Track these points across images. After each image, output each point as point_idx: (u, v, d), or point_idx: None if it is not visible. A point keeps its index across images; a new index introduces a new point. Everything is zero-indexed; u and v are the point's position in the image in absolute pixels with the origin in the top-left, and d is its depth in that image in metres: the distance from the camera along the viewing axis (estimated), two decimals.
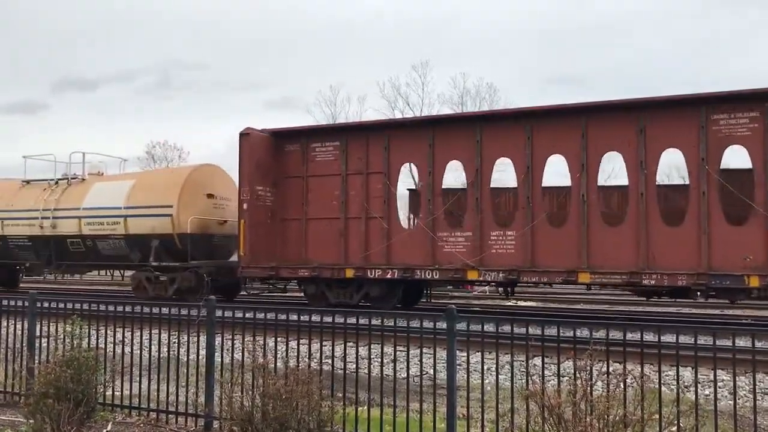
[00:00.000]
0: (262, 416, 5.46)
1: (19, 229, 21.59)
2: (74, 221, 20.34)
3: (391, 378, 6.51)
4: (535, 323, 5.72)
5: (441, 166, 15.98)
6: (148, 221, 19.12)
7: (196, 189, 19.25)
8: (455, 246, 15.54)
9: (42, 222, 20.87)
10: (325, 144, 17.31)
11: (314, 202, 17.19)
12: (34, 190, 21.88)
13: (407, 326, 6.09)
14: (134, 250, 19.43)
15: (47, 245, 20.91)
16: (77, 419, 6.47)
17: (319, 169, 17.24)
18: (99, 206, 20.09)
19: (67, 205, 20.68)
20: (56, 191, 21.19)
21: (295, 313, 6.72)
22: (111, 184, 20.81)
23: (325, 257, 16.77)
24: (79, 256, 20.75)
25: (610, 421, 4.63)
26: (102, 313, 7.67)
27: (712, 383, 5.81)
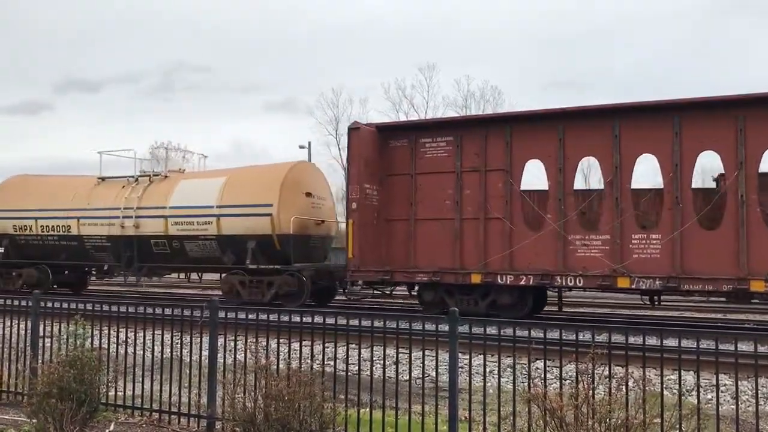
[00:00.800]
0: (265, 417, 5.47)
1: (96, 229, 20.23)
2: (159, 221, 19.10)
3: (393, 380, 6.52)
4: (538, 326, 5.73)
5: (572, 163, 14.51)
6: (244, 221, 17.87)
7: (295, 187, 18.14)
8: (590, 250, 14.10)
9: (123, 221, 19.60)
10: (436, 139, 15.86)
11: (424, 202, 15.81)
12: (112, 188, 20.64)
13: (409, 328, 6.10)
14: (227, 251, 18.18)
15: (129, 246, 19.60)
16: (80, 419, 6.48)
17: (429, 166, 15.80)
18: (187, 205, 18.84)
19: (151, 203, 19.43)
20: (137, 189, 19.97)
21: (297, 315, 6.73)
22: (199, 182, 19.65)
23: (436, 261, 15.43)
24: (164, 258, 19.47)
25: (612, 425, 4.63)
26: (105, 313, 7.69)
27: (714, 387, 5.81)
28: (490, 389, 6.04)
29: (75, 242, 20.59)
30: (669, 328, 7.66)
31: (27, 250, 21.52)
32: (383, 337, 6.19)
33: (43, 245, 21.13)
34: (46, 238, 21.09)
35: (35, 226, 21.19)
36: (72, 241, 20.62)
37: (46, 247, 21.10)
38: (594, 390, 4.78)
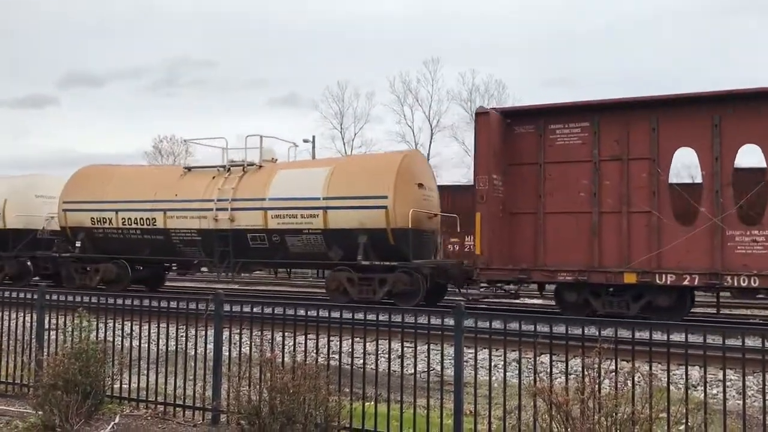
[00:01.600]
0: (270, 410, 5.47)
1: (186, 222, 18.80)
2: (258, 213, 17.71)
3: (398, 374, 6.52)
4: (543, 321, 5.71)
5: (731, 151, 13.21)
6: (354, 214, 16.57)
7: (409, 177, 16.82)
8: (752, 247, 12.80)
9: (217, 214, 18.15)
10: (568, 125, 14.48)
11: (554, 194, 14.43)
12: (201, 178, 19.24)
13: (415, 322, 6.09)
14: (333, 246, 16.86)
15: (223, 240, 18.11)
16: (85, 411, 6.50)
17: (560, 155, 14.44)
18: (290, 197, 17.44)
19: (248, 194, 18.06)
20: (231, 179, 18.58)
21: (302, 309, 6.73)
22: (301, 172, 18.38)
23: (569, 259, 14.11)
24: (261, 253, 18.07)
25: (618, 419, 4.62)
26: (110, 306, 7.70)
27: (720, 382, 5.79)
28: (495, 383, 6.03)
29: (161, 236, 19.21)
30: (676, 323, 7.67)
31: (105, 244, 20.16)
32: (388, 331, 6.18)
33: (124, 239, 19.84)
34: (128, 231, 19.74)
35: (115, 218, 19.82)
36: (157, 235, 19.27)
37: (127, 241, 19.81)
38: (600, 384, 4.77)
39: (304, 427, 5.40)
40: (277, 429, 5.40)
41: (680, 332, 5.37)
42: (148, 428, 6.61)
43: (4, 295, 8.51)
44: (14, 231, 22.30)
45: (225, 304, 6.97)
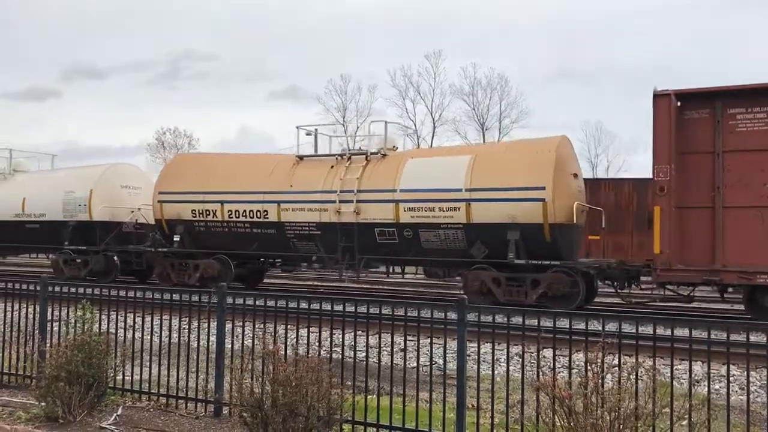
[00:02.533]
0: (272, 403, 5.47)
1: (303, 215, 17.29)
2: (388, 206, 16.22)
3: (401, 367, 6.51)
4: (547, 315, 5.70)
5: None
6: (504, 207, 15.03)
7: (565, 167, 15.32)
8: None
9: (340, 206, 16.69)
10: (752, 109, 12.92)
11: (734, 186, 12.91)
12: (318, 168, 17.72)
13: (418, 316, 6.08)
14: (476, 243, 15.31)
15: (346, 235, 16.62)
16: (88, 402, 6.52)
17: (742, 143, 12.90)
18: (425, 188, 15.93)
19: (376, 185, 16.57)
20: (353, 169, 17.06)
21: (305, 301, 6.72)
22: (436, 161, 16.80)
23: (756, 259, 12.60)
24: (390, 249, 16.53)
25: (621, 414, 4.61)
26: (113, 298, 7.71)
27: (724, 378, 5.78)
28: (497, 377, 6.02)
29: (273, 230, 17.70)
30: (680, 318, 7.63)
31: (206, 239, 18.70)
32: (391, 325, 6.18)
33: (229, 233, 18.33)
34: (235, 225, 18.22)
35: (221, 211, 18.27)
36: (269, 229, 17.75)
37: (232, 235, 18.30)
38: (603, 379, 4.76)
39: (306, 420, 5.40)
40: (279, 421, 5.40)
41: (684, 327, 5.36)
42: (151, 420, 6.62)
43: (8, 287, 8.52)
44: (101, 224, 20.75)
45: (228, 296, 6.97)
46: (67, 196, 21.23)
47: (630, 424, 4.61)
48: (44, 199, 21.70)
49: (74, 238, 20.77)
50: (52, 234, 21.15)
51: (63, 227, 21.02)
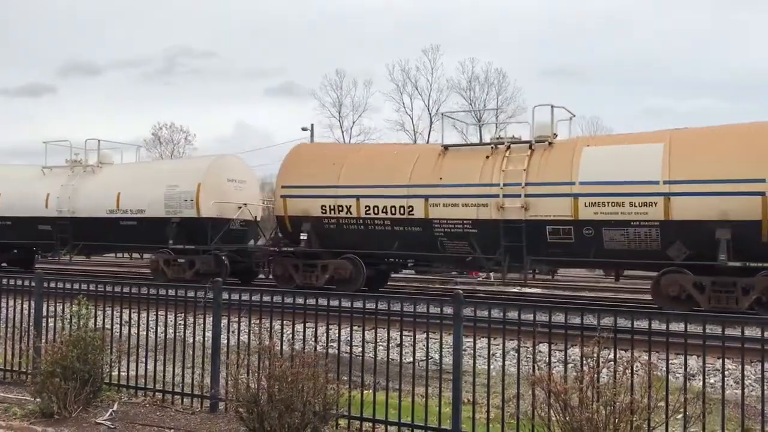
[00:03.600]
0: (268, 398, 5.46)
1: (456, 211, 15.49)
2: (564, 201, 14.46)
3: (397, 362, 6.52)
4: (543, 310, 5.70)
5: None
6: (713, 202, 13.21)
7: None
8: None
9: (503, 201, 14.94)
10: None
11: None
12: (470, 159, 15.91)
13: (414, 311, 6.08)
14: (675, 242, 13.57)
15: (511, 233, 14.87)
16: (83, 398, 6.50)
17: None
18: (611, 180, 14.08)
19: (548, 178, 14.79)
20: (516, 159, 15.28)
21: (301, 297, 6.71)
22: (620, 149, 14.89)
23: None
24: (564, 250, 14.76)
25: (617, 408, 4.62)
26: (108, 293, 7.69)
27: (719, 372, 5.79)
28: (493, 372, 6.03)
29: (418, 228, 15.96)
30: (675, 312, 7.67)
31: (337, 237, 16.93)
32: (387, 320, 6.17)
33: (365, 231, 16.57)
34: (372, 222, 16.44)
35: (356, 206, 16.53)
36: (413, 226, 16.01)
37: (369, 233, 16.54)
38: (599, 373, 4.76)
39: (302, 415, 5.40)
40: (275, 417, 5.39)
41: (679, 322, 5.37)
42: (147, 415, 6.61)
43: (3, 282, 8.49)
44: (210, 221, 18.79)
45: (224, 292, 6.96)
46: (170, 190, 19.17)
47: (625, 418, 4.61)
48: (143, 194, 19.61)
49: (178, 237, 18.85)
50: (152, 232, 19.21)
51: (165, 225, 19.08)
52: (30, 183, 22.04)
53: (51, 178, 21.81)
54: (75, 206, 20.76)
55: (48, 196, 21.27)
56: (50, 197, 21.19)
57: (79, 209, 20.71)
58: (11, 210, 21.90)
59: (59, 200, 20.95)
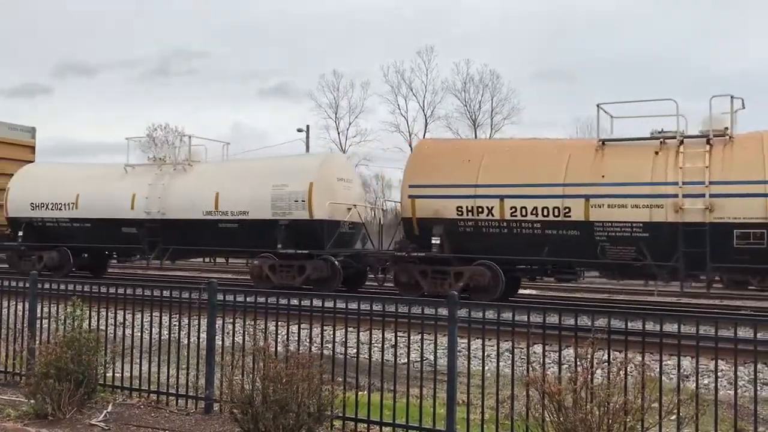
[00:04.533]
0: (263, 399, 5.47)
1: (623, 213, 14.17)
2: (755, 201, 13.24)
3: (392, 363, 6.52)
4: (537, 311, 5.72)
5: None
6: None
7: None
8: None
9: (682, 202, 13.61)
10: None
11: None
12: (636, 155, 14.52)
13: (408, 312, 6.09)
14: None
15: (692, 238, 13.43)
16: (78, 400, 6.49)
17: None
18: None
19: (735, 176, 13.46)
20: (693, 155, 13.89)
21: (296, 298, 6.71)
22: None
23: None
24: (752, 256, 13.38)
25: (611, 409, 4.63)
26: (103, 295, 7.67)
27: (712, 373, 5.81)
28: (488, 373, 6.04)
29: (575, 231, 14.65)
30: (668, 313, 7.70)
31: (473, 241, 15.55)
32: (382, 321, 6.18)
33: (509, 234, 15.26)
34: (519, 225, 15.11)
35: (499, 208, 15.15)
36: (569, 230, 14.69)
37: (513, 237, 15.22)
38: (593, 374, 4.78)
39: (297, 416, 5.40)
40: (270, 418, 5.39)
41: (673, 323, 5.39)
42: (141, 417, 6.60)
43: None
44: (324, 223, 17.22)
45: (218, 293, 6.96)
46: (278, 190, 17.57)
47: (619, 419, 4.63)
48: (245, 195, 18.02)
49: (287, 240, 17.26)
50: (255, 235, 17.68)
51: (272, 227, 17.45)
52: (112, 182, 20.28)
53: (136, 177, 20.05)
54: (166, 207, 18.94)
55: (134, 196, 19.48)
56: (137, 197, 19.41)
57: (171, 210, 18.89)
58: (90, 211, 20.09)
59: (148, 201, 19.15)
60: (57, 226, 20.86)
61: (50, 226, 20.94)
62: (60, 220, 20.81)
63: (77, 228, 20.56)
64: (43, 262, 20.15)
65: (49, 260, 20.25)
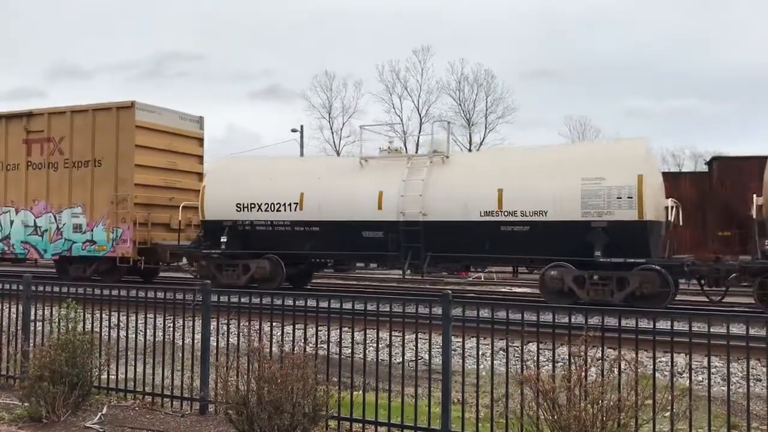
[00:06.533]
0: (258, 400, 5.47)
1: None
2: None
3: (387, 363, 6.53)
4: (531, 309, 5.74)
5: None
6: None
7: None
8: None
9: None
10: None
11: None
12: None
13: (403, 312, 6.10)
14: None
15: None
16: (72, 402, 6.48)
17: None
18: None
19: None
20: None
21: (290, 298, 6.71)
22: None
23: None
24: None
25: (604, 406, 4.65)
26: (97, 297, 7.66)
27: (705, 369, 5.84)
28: (482, 372, 6.05)
29: None
30: (661, 310, 7.72)
31: None
32: (376, 321, 6.19)
33: None
34: None
35: None
36: None
37: None
38: (587, 372, 4.80)
39: (292, 417, 5.40)
40: (265, 418, 5.40)
41: (666, 320, 5.41)
42: (136, 419, 6.59)
43: None
44: (654, 225, 14.42)
45: (212, 294, 6.95)
46: (591, 184, 14.34)
47: (613, 416, 4.65)
48: (544, 191, 14.74)
49: (603, 247, 14.21)
50: (554, 240, 14.56)
51: (581, 231, 14.33)
52: (346, 178, 16.92)
53: (379, 172, 16.66)
54: (427, 207, 15.66)
55: (381, 194, 16.07)
56: (385, 196, 16.04)
57: (434, 211, 15.61)
58: (320, 213, 16.58)
59: (404, 200, 15.84)
60: (271, 230, 17.15)
61: (261, 231, 17.21)
62: (276, 223, 17.09)
63: (299, 233, 16.90)
64: (250, 273, 16.97)
65: (259, 271, 16.89)
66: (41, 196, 19.39)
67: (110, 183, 18.51)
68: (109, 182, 18.52)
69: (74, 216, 18.95)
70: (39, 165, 19.46)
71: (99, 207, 18.61)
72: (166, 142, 19.38)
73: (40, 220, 19.37)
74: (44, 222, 19.30)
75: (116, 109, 18.63)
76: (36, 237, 19.49)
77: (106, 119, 18.66)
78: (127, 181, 18.39)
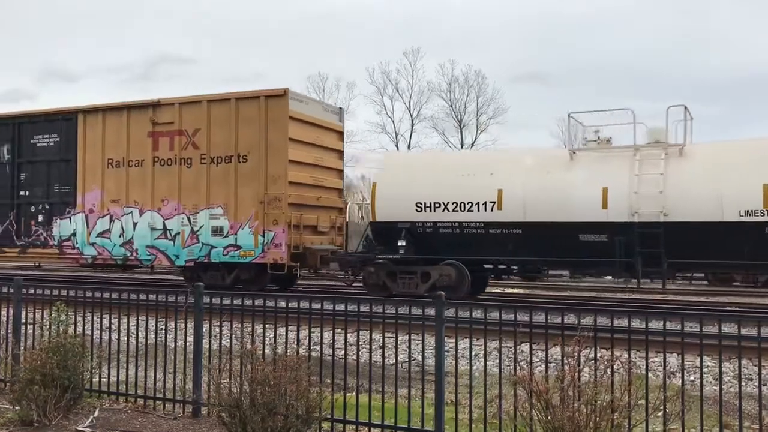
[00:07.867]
0: (251, 402, 5.45)
1: None
2: None
3: (380, 364, 6.53)
4: (523, 309, 5.74)
5: None
6: None
7: None
8: None
9: None
10: None
11: None
12: None
13: (396, 313, 6.09)
14: None
15: None
16: (64, 405, 6.44)
17: None
18: None
19: None
20: None
21: (283, 300, 6.70)
22: None
23: None
24: None
25: (598, 407, 4.66)
26: (88, 299, 7.62)
27: (698, 369, 5.86)
28: (476, 372, 6.06)
29: None
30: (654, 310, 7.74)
31: None
32: (369, 322, 6.18)
33: None
34: None
35: None
36: None
37: None
38: (580, 372, 4.80)
39: (285, 419, 5.39)
40: (258, 421, 5.38)
41: (659, 320, 5.43)
42: (128, 421, 6.56)
43: None
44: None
45: (205, 296, 6.92)
46: None
47: (606, 417, 4.66)
48: None
49: None
50: None
51: None
52: (555, 172, 14.75)
53: (599, 166, 14.57)
54: (669, 206, 13.56)
55: (605, 191, 14.04)
56: (610, 192, 13.98)
57: (677, 211, 13.52)
58: (524, 213, 14.61)
59: (638, 197, 13.72)
60: (458, 232, 15.25)
61: (444, 234, 15.35)
62: (466, 225, 15.15)
63: (495, 235, 14.92)
64: (432, 281, 15.25)
65: (444, 278, 15.15)
66: (172, 196, 17.06)
67: (258, 181, 16.25)
68: (256, 180, 16.27)
69: (213, 218, 16.64)
70: (168, 161, 17.19)
71: (244, 208, 16.36)
72: (314, 136, 17.31)
73: (171, 222, 17.03)
74: (175, 224, 16.97)
75: (264, 98, 16.42)
76: (165, 241, 17.10)
77: (251, 109, 16.46)
78: (279, 179, 16.14)
